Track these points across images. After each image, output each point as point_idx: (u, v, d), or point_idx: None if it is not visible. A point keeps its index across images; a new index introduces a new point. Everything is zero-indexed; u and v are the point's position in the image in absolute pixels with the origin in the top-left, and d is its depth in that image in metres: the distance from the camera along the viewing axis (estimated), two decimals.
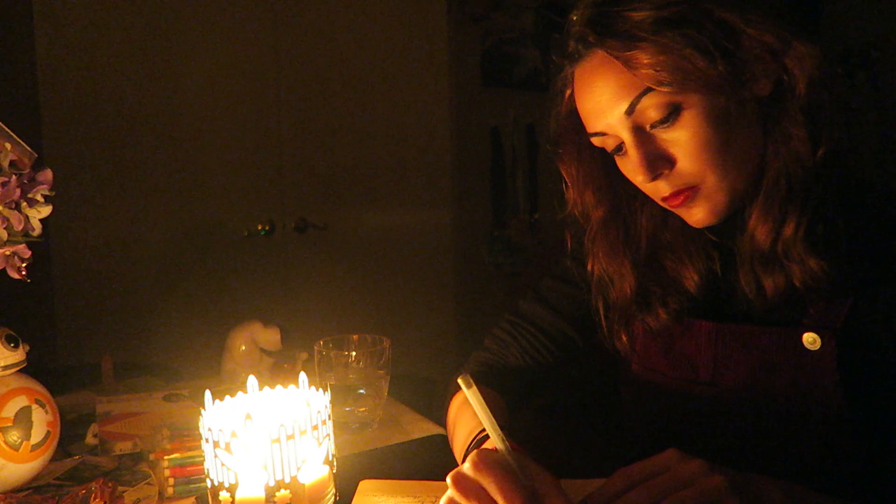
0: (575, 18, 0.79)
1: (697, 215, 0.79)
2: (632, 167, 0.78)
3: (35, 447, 0.88)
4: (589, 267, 0.91)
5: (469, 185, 2.85)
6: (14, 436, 0.86)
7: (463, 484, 0.65)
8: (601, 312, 0.91)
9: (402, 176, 2.65)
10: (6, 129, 0.85)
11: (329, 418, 0.74)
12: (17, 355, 0.89)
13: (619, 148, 0.80)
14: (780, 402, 0.78)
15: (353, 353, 1.13)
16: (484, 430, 0.79)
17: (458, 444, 0.87)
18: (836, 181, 0.76)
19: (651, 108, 0.74)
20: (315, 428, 0.70)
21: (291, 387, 0.77)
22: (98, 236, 2.11)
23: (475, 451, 0.68)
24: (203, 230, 2.28)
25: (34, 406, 0.88)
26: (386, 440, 1.08)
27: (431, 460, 0.96)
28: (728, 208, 0.79)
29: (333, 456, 0.74)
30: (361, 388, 1.11)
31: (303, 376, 0.76)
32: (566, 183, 0.90)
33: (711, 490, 0.63)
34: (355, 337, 1.15)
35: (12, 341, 0.89)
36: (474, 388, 0.66)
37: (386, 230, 2.61)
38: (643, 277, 0.87)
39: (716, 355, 0.82)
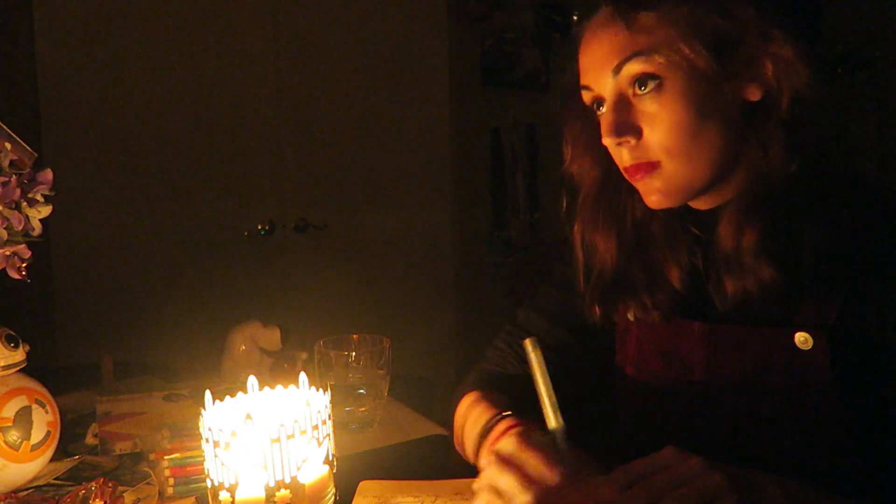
0: None
1: (652, 195, 0.79)
2: (604, 126, 0.79)
3: (35, 447, 0.88)
4: (575, 229, 0.91)
5: (469, 185, 2.84)
6: (14, 436, 0.86)
7: (505, 463, 0.66)
8: (580, 277, 0.91)
9: (402, 176, 2.65)
10: (6, 129, 0.85)
11: (329, 418, 0.74)
12: (17, 355, 0.89)
13: (600, 105, 0.81)
14: (773, 402, 0.78)
15: (353, 353, 1.13)
16: (496, 414, 0.80)
17: (471, 439, 0.86)
18: (810, 195, 0.76)
19: (635, 75, 0.76)
20: (315, 428, 0.70)
21: (291, 387, 0.77)
22: (98, 236, 2.11)
23: (517, 429, 0.69)
24: (203, 230, 2.27)
25: (34, 406, 0.88)
26: (386, 440, 1.08)
27: (431, 460, 0.96)
28: (684, 195, 0.79)
29: (333, 456, 0.74)
30: (361, 388, 1.11)
31: (303, 376, 0.76)
32: (567, 140, 0.91)
33: (710, 487, 0.63)
34: (355, 337, 1.15)
35: (12, 341, 0.89)
36: (539, 351, 0.66)
37: (386, 230, 2.61)
38: (628, 259, 0.87)
39: (709, 355, 0.82)
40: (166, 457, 0.88)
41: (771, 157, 0.76)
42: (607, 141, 0.78)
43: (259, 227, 2.36)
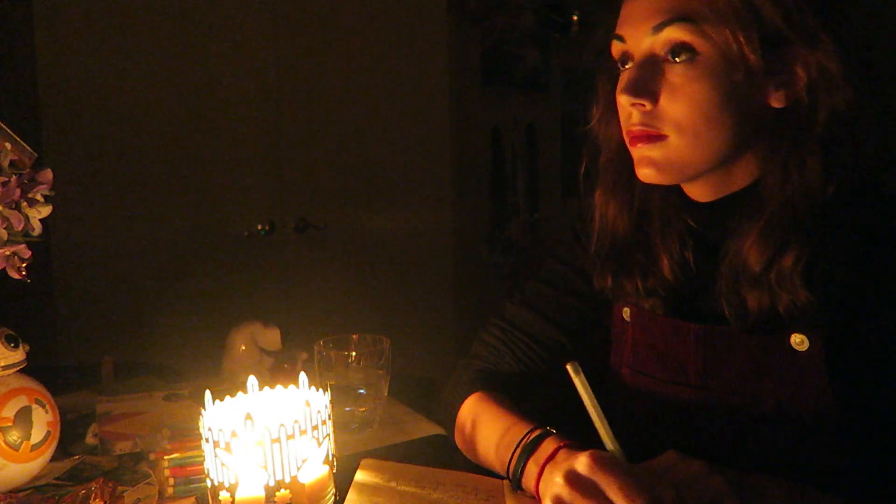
0: None
1: (646, 167, 0.78)
2: (622, 82, 0.77)
3: (35, 447, 0.88)
4: (597, 193, 0.90)
5: (469, 185, 2.84)
6: (14, 436, 0.86)
7: (579, 484, 0.64)
8: (593, 243, 0.90)
9: (402, 176, 2.65)
10: (6, 129, 0.85)
11: (329, 418, 0.74)
12: (17, 355, 0.89)
13: (626, 62, 0.79)
14: (769, 403, 0.78)
15: (353, 353, 1.13)
16: (534, 430, 0.80)
17: (492, 447, 0.86)
18: (847, 215, 0.75)
19: (674, 40, 0.73)
20: (315, 428, 0.70)
21: (291, 387, 0.77)
22: (98, 236, 2.11)
23: (589, 451, 0.66)
24: (203, 230, 2.28)
25: (34, 406, 0.88)
26: (386, 440, 1.08)
27: (431, 460, 0.95)
28: (678, 175, 0.79)
29: (333, 456, 0.74)
30: (361, 388, 1.11)
31: (303, 376, 0.76)
32: (598, 99, 0.89)
33: (712, 491, 0.63)
34: (355, 337, 1.15)
35: (12, 341, 0.89)
36: (583, 376, 0.66)
37: (386, 230, 2.61)
38: (633, 233, 0.87)
39: (705, 357, 0.82)
40: (166, 457, 0.87)
41: (808, 175, 0.74)
42: (622, 98, 0.77)
43: (259, 227, 2.36)
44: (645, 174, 0.79)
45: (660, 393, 0.86)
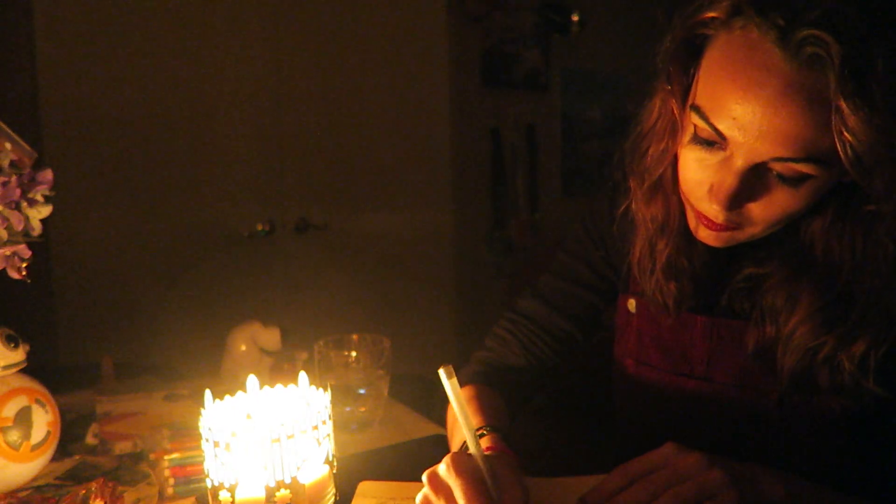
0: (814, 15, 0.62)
1: (713, 241, 0.75)
2: (716, 185, 0.70)
3: (35, 447, 0.88)
4: (647, 213, 0.83)
5: (469, 185, 2.85)
6: (14, 436, 0.86)
7: (434, 483, 0.66)
8: (636, 253, 0.86)
9: (402, 176, 2.65)
10: (6, 129, 0.85)
11: (329, 418, 0.74)
12: (17, 355, 0.89)
13: (712, 145, 0.69)
14: (773, 397, 0.78)
15: (353, 353, 1.13)
16: (481, 427, 0.80)
17: (456, 442, 0.87)
18: None
19: (797, 169, 0.65)
20: (315, 428, 0.70)
21: (291, 387, 0.77)
22: (98, 236, 2.11)
23: (450, 453, 0.68)
24: (203, 230, 2.28)
25: (34, 406, 0.88)
26: (386, 440, 1.08)
27: (431, 460, 0.95)
28: (738, 245, 0.76)
29: (333, 456, 0.74)
30: (361, 388, 1.11)
31: (303, 376, 0.76)
32: (657, 117, 0.79)
33: (710, 483, 0.63)
34: (355, 337, 1.15)
35: (12, 341, 0.89)
36: (454, 380, 0.66)
37: (386, 230, 2.61)
38: (677, 246, 0.83)
39: (710, 350, 0.83)
40: (166, 457, 0.87)
41: (879, 263, 0.70)
42: (715, 206, 0.70)
43: (259, 227, 2.36)
44: (705, 237, 0.75)
45: (663, 383, 0.86)
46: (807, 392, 0.76)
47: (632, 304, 0.90)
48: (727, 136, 0.67)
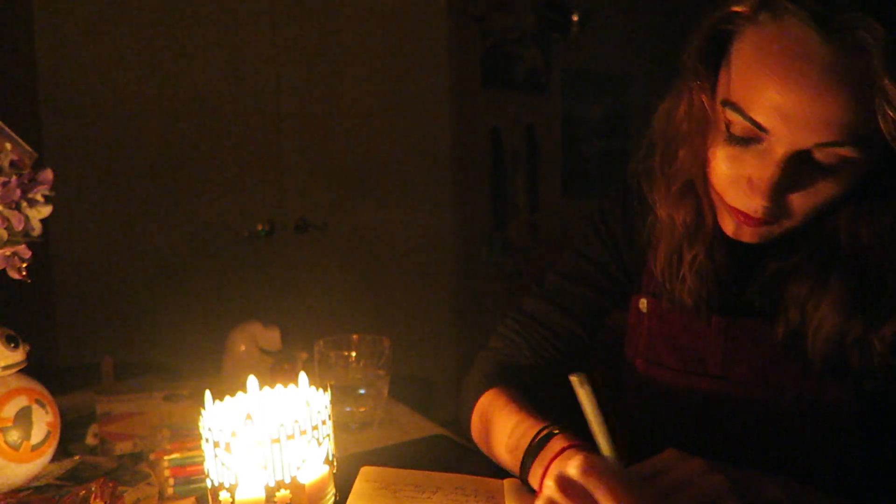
0: None
1: (749, 237, 0.74)
2: (756, 178, 0.69)
3: (35, 447, 0.88)
4: (677, 217, 0.83)
5: (469, 185, 2.85)
6: (14, 436, 0.86)
7: (569, 487, 0.63)
8: (661, 259, 0.85)
9: (402, 176, 2.65)
10: (6, 129, 0.85)
11: (329, 418, 0.74)
12: (17, 355, 0.89)
13: (748, 141, 0.69)
14: (789, 396, 0.78)
15: (353, 353, 1.13)
16: (542, 429, 0.79)
17: (502, 445, 0.85)
18: None
19: (839, 153, 0.65)
20: (315, 428, 0.70)
21: (291, 387, 0.77)
22: (98, 236, 2.11)
23: (582, 455, 0.65)
24: (203, 230, 2.28)
25: (34, 406, 0.88)
26: (386, 440, 1.08)
27: (431, 460, 0.96)
28: (772, 240, 0.75)
29: (333, 456, 0.74)
30: (361, 388, 1.11)
31: (303, 376, 0.76)
32: (682, 120, 0.78)
33: (711, 490, 0.63)
34: (355, 337, 1.15)
35: (12, 341, 0.88)
36: (587, 388, 0.64)
37: (386, 230, 2.61)
38: (702, 247, 0.82)
39: (724, 349, 0.82)
40: (166, 457, 0.87)
41: None
42: (755, 198, 0.69)
43: (259, 227, 2.36)
44: (745, 238, 0.75)
45: (675, 384, 0.86)
46: (839, 375, 0.75)
47: (643, 304, 0.90)
48: (768, 128, 0.66)
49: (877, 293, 0.72)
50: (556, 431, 0.78)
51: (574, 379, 0.64)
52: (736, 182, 0.71)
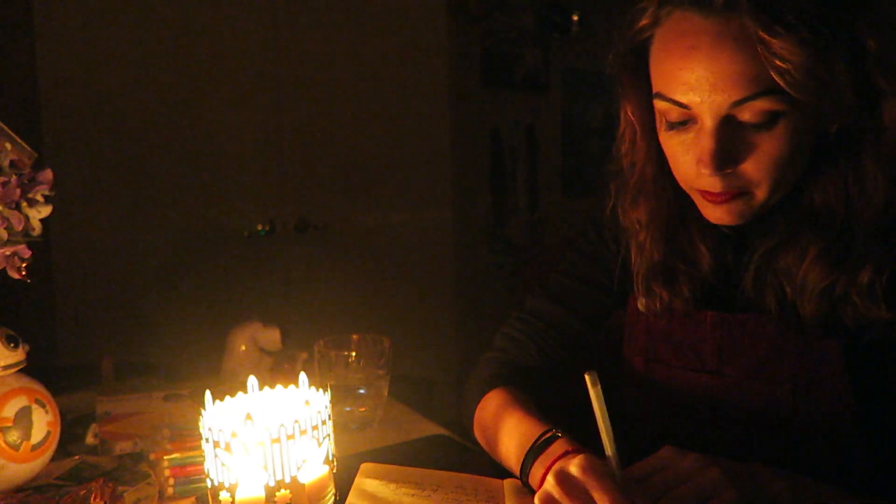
0: None
1: (722, 214, 0.77)
2: (699, 153, 0.73)
3: (35, 447, 0.88)
4: (633, 216, 0.88)
5: (469, 185, 2.85)
6: (14, 436, 0.86)
7: (568, 484, 0.65)
8: (633, 261, 0.89)
9: (402, 176, 2.65)
10: (6, 129, 0.85)
11: (329, 418, 0.74)
12: (17, 355, 0.89)
13: (685, 124, 0.75)
14: (785, 391, 0.78)
15: (353, 353, 1.13)
16: (545, 432, 0.79)
17: (504, 445, 0.86)
18: None
19: (761, 110, 0.69)
20: (315, 428, 0.70)
21: (291, 387, 0.77)
22: (98, 236, 2.11)
23: (582, 455, 0.67)
24: (203, 230, 2.28)
25: (34, 406, 0.88)
26: (386, 440, 1.08)
27: (431, 460, 0.96)
28: (754, 217, 0.78)
29: (333, 456, 0.74)
30: (361, 388, 1.11)
31: (303, 376, 0.76)
32: (624, 125, 0.87)
33: (708, 483, 0.64)
34: (355, 337, 1.15)
35: (12, 341, 0.89)
36: (598, 387, 0.65)
37: (386, 230, 2.61)
38: (669, 248, 0.85)
39: (721, 344, 0.83)
40: (166, 457, 0.87)
41: (871, 191, 0.73)
42: (704, 170, 0.73)
43: (259, 227, 2.36)
44: (719, 218, 0.77)
45: (674, 380, 0.87)
46: (838, 336, 0.76)
47: (642, 302, 0.90)
48: (687, 102, 0.72)
49: (848, 245, 0.75)
50: (559, 435, 0.78)
51: (588, 377, 0.65)
52: (689, 165, 0.76)
